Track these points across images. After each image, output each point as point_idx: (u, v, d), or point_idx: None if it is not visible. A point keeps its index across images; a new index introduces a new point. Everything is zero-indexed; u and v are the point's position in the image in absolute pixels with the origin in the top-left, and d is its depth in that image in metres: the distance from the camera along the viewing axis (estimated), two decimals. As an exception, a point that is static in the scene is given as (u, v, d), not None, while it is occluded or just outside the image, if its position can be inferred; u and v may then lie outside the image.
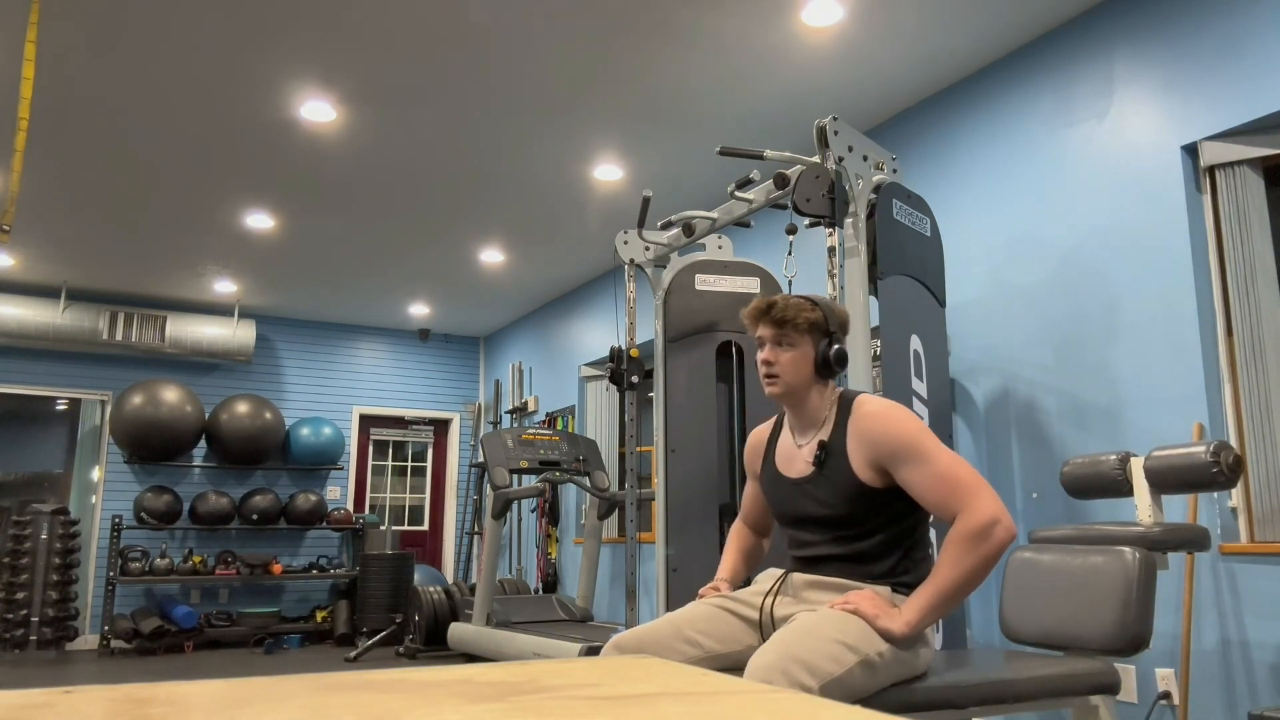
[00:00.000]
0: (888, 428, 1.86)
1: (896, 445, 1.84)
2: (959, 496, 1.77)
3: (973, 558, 1.73)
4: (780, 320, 1.96)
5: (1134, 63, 3.44)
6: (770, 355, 1.98)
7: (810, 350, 1.98)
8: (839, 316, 2.03)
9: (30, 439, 8.00)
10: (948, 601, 1.77)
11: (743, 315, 2.01)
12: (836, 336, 2.00)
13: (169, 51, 3.95)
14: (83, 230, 6.15)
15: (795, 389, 1.99)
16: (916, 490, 1.83)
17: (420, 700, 0.65)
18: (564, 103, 4.41)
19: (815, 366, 1.99)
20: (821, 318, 1.99)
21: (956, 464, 1.81)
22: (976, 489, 1.77)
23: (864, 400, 1.95)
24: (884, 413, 1.88)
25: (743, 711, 0.60)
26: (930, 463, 1.80)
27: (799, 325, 1.96)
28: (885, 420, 1.87)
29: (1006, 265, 3.88)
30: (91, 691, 0.68)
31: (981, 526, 1.73)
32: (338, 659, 6.78)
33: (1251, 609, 2.92)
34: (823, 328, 1.99)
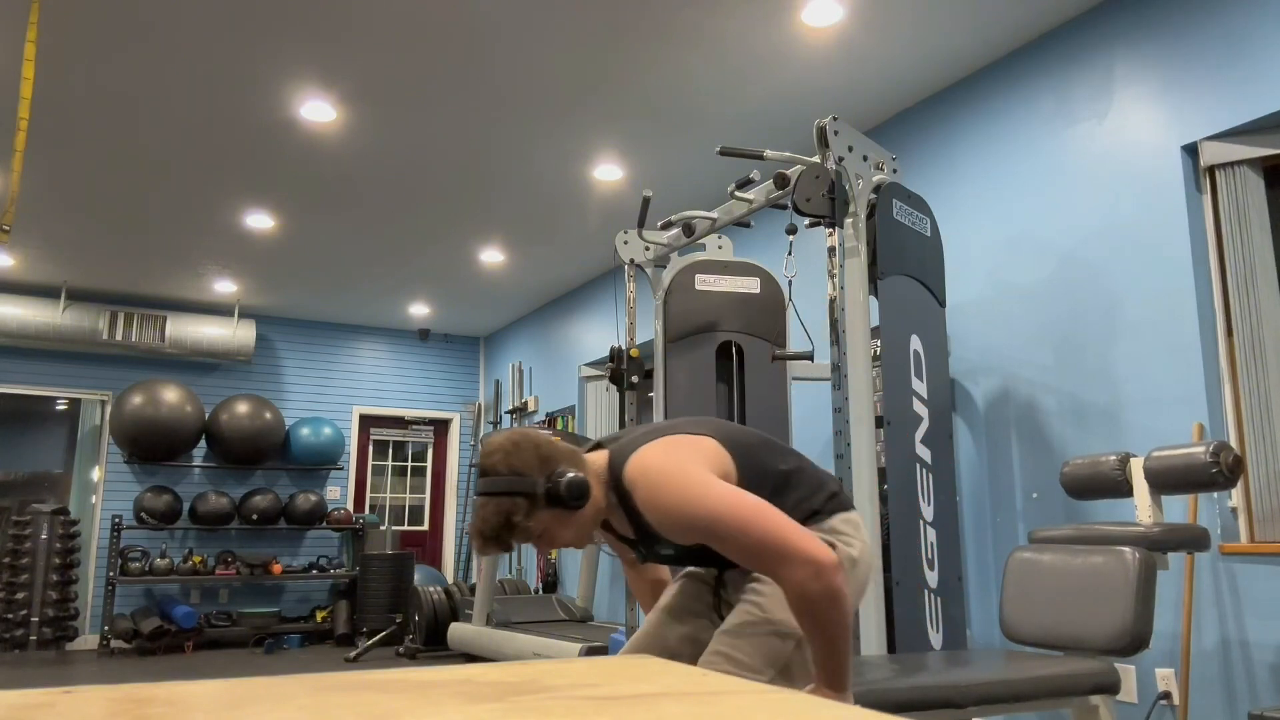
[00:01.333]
0: (665, 518, 1.66)
1: (684, 530, 1.65)
2: (765, 569, 1.61)
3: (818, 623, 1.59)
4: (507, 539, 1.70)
5: (1134, 63, 3.44)
6: (546, 547, 1.78)
7: (551, 517, 1.71)
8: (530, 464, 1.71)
9: (30, 439, 8.00)
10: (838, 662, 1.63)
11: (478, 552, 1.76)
12: (549, 480, 1.70)
13: (169, 52, 3.95)
14: (83, 230, 6.15)
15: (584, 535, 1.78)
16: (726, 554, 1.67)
17: (420, 700, 0.65)
18: (564, 103, 4.41)
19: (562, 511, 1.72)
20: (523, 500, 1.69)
21: (748, 530, 1.60)
22: (777, 555, 1.58)
23: (634, 483, 1.71)
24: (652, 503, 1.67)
25: (743, 711, 0.60)
26: (719, 534, 1.62)
27: (520, 526, 1.69)
28: (657, 511, 1.66)
29: (1006, 265, 3.88)
30: (91, 691, 0.68)
31: (801, 598, 1.58)
32: (338, 659, 6.78)
33: (1251, 609, 2.92)
34: (534, 499, 1.69)
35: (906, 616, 2.95)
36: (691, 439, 1.77)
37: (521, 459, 1.72)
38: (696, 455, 1.73)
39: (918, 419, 3.14)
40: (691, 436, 1.78)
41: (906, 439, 3.08)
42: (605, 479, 1.79)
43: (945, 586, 3.08)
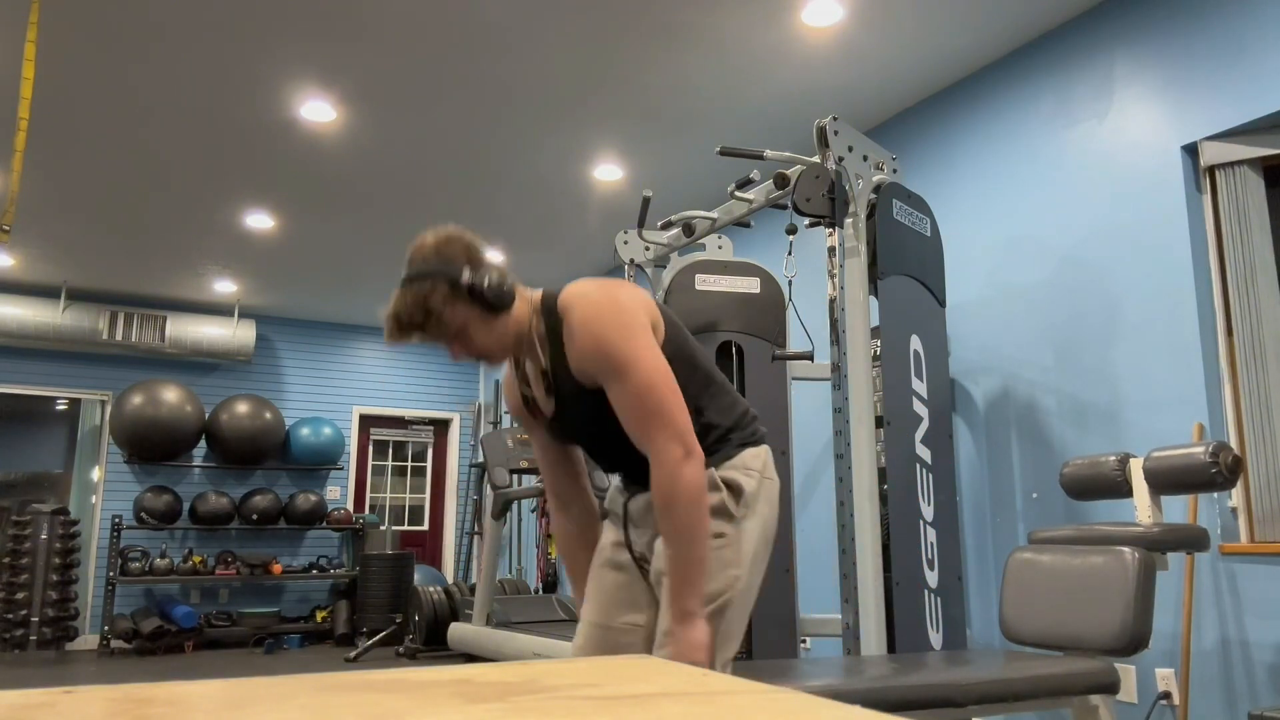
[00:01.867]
0: (587, 343, 1.62)
1: (599, 361, 1.61)
2: (646, 432, 1.58)
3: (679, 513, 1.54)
4: (421, 327, 1.63)
5: (1134, 63, 3.44)
6: (458, 349, 1.69)
7: (471, 312, 1.65)
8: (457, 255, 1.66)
9: (30, 439, 8.00)
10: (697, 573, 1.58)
11: (386, 341, 1.67)
12: (474, 274, 1.64)
13: (169, 51, 3.95)
14: (83, 230, 6.15)
15: (500, 350, 1.72)
16: (615, 407, 1.63)
17: (420, 700, 0.65)
18: (565, 103, 4.41)
19: (487, 316, 1.67)
20: (444, 284, 1.63)
21: (648, 388, 1.58)
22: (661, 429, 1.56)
23: (570, 304, 1.67)
24: (584, 323, 1.63)
25: (743, 711, 0.60)
26: (624, 383, 1.59)
27: (438, 313, 1.63)
28: (585, 333, 1.62)
29: (1006, 265, 3.88)
30: (91, 691, 0.68)
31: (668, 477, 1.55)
32: (338, 659, 6.78)
33: (1251, 609, 2.92)
34: (457, 288, 1.63)
35: (906, 616, 2.95)
36: (635, 286, 1.74)
37: (451, 250, 1.66)
38: (636, 300, 1.68)
39: (918, 419, 3.14)
40: (635, 286, 1.76)
41: (906, 439, 3.08)
42: (537, 306, 1.74)
43: (945, 586, 3.08)
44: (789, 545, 3.68)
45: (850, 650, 2.85)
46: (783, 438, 3.76)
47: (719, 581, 1.66)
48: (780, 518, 3.68)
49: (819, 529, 4.76)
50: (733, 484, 1.70)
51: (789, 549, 3.67)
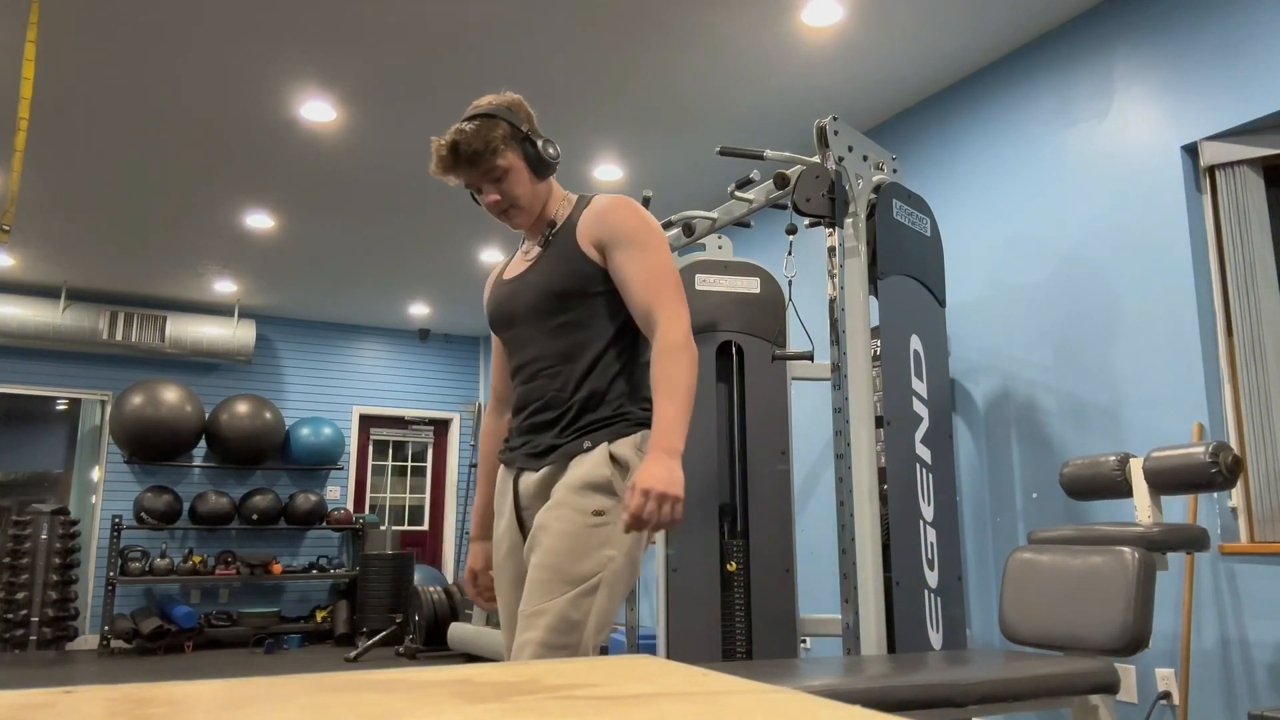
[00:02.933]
0: (617, 209, 1.77)
1: (622, 226, 1.75)
2: (663, 303, 1.70)
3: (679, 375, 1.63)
4: (476, 157, 1.75)
5: (1134, 63, 3.44)
6: (495, 194, 1.79)
7: (521, 163, 1.79)
8: (521, 112, 1.82)
9: (30, 439, 8.00)
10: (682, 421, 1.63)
11: (433, 171, 1.78)
12: (532, 132, 1.81)
13: (169, 52, 3.95)
14: (83, 230, 6.15)
15: (532, 200, 1.83)
16: (624, 277, 1.73)
17: (420, 700, 0.65)
18: (565, 103, 4.41)
19: (532, 175, 1.81)
20: (508, 127, 1.78)
21: (670, 270, 1.73)
22: (679, 305, 1.70)
23: (601, 197, 1.83)
24: (619, 200, 1.79)
25: (743, 711, 0.60)
26: (647, 254, 1.72)
27: (496, 150, 1.75)
28: (618, 204, 1.78)
29: (1006, 265, 3.88)
30: (91, 691, 0.69)
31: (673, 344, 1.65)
32: (338, 659, 6.78)
33: (1251, 609, 2.92)
34: (518, 134, 1.79)
35: (906, 616, 2.95)
36: None
37: (518, 107, 1.82)
38: None
39: (918, 419, 3.14)
40: None
41: (906, 439, 3.08)
42: (569, 197, 1.89)
43: (945, 586, 3.08)
44: (789, 545, 3.68)
45: (850, 650, 2.85)
46: (783, 438, 3.76)
47: (591, 562, 1.63)
48: (780, 517, 3.68)
49: (819, 529, 4.76)
50: (621, 460, 1.71)
51: (789, 549, 3.67)
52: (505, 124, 1.77)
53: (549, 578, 1.61)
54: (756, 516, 3.66)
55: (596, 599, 1.61)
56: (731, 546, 3.65)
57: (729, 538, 3.66)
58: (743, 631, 3.58)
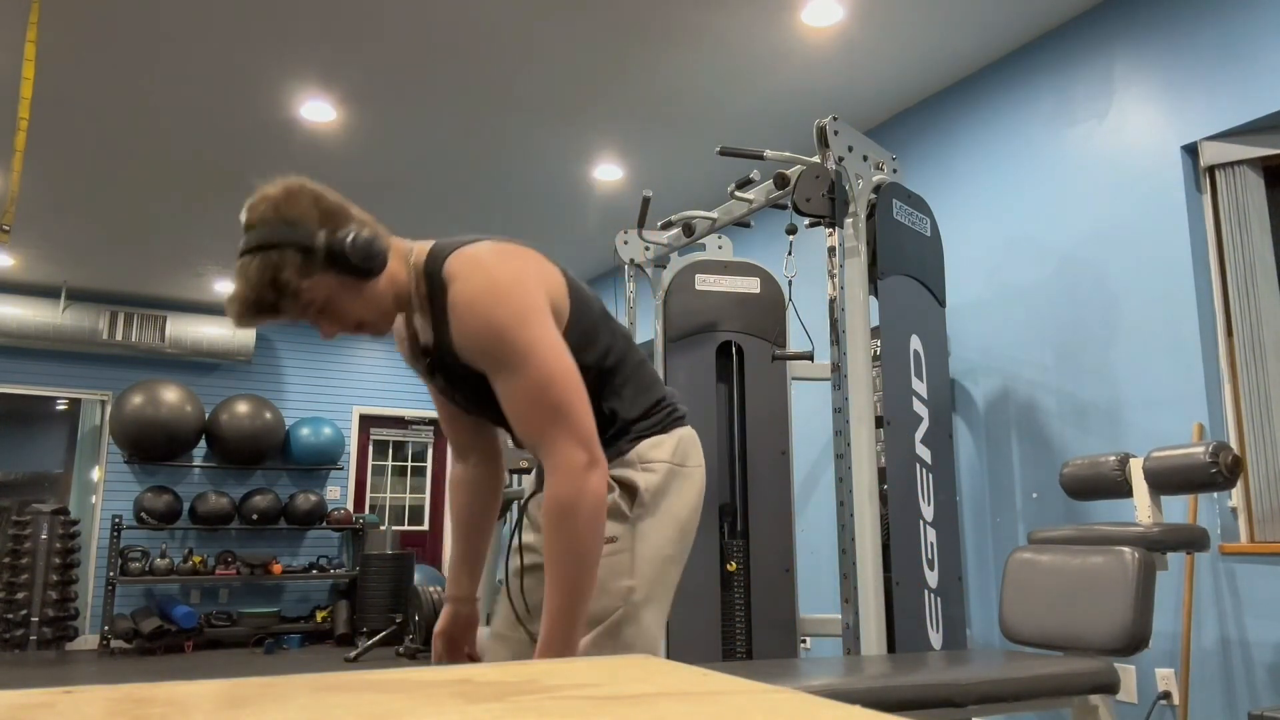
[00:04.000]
0: (472, 326, 1.38)
1: (486, 348, 1.38)
2: (542, 433, 1.36)
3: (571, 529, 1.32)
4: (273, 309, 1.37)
5: (1134, 63, 3.44)
6: (327, 327, 1.44)
7: (335, 282, 1.39)
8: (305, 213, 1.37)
9: (30, 439, 8.00)
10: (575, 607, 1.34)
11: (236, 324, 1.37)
12: (331, 234, 1.37)
13: (169, 52, 3.95)
14: (83, 230, 6.15)
15: (376, 315, 1.46)
16: (504, 406, 1.40)
17: (420, 700, 0.65)
18: (565, 103, 4.41)
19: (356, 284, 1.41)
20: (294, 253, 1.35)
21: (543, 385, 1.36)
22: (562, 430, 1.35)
23: (455, 273, 1.41)
24: (470, 302, 1.38)
25: (743, 711, 0.60)
26: (513, 377, 1.36)
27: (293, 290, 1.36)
28: (470, 315, 1.38)
29: (1006, 266, 3.88)
30: (91, 691, 0.69)
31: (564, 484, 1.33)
32: (338, 659, 6.78)
33: (1251, 609, 2.92)
34: (312, 252, 1.36)
35: (906, 616, 2.95)
36: (540, 259, 1.49)
37: (296, 208, 1.37)
38: (534, 274, 1.43)
39: (918, 419, 3.14)
40: (541, 257, 1.50)
41: (906, 439, 3.08)
42: (420, 265, 1.48)
43: (945, 586, 3.08)
44: (789, 545, 3.68)
45: (850, 650, 2.85)
46: (783, 438, 3.76)
47: (607, 598, 1.44)
48: (780, 517, 3.68)
49: (819, 529, 4.76)
50: (625, 482, 1.51)
51: (789, 549, 3.67)
52: (291, 250, 1.35)
53: None
54: (756, 516, 3.66)
55: (622, 635, 1.44)
56: (731, 546, 3.65)
57: (729, 538, 3.66)
58: (743, 631, 3.58)
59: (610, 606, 1.45)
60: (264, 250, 1.35)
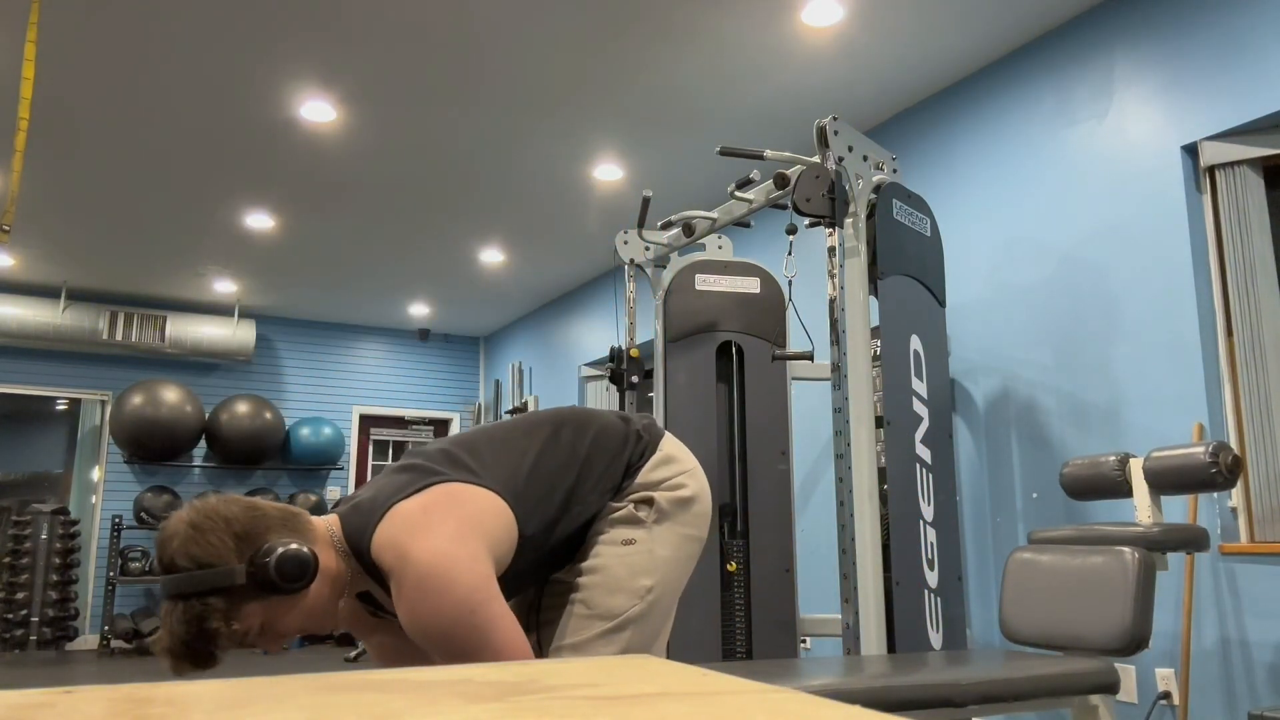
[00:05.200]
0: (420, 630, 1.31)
1: (439, 647, 1.33)
2: None
3: None
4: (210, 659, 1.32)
5: (1134, 63, 3.44)
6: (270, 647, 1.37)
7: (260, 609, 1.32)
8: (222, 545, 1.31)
9: (30, 439, 8.00)
10: None
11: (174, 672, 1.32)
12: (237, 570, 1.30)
13: (169, 51, 3.95)
14: (83, 230, 6.15)
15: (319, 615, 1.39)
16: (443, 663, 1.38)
17: (420, 700, 0.65)
18: (564, 102, 4.41)
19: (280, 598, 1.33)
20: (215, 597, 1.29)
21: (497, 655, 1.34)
22: None
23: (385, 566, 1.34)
24: (409, 611, 1.31)
25: (743, 711, 0.60)
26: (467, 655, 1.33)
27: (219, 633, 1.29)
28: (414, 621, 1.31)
29: (1006, 265, 3.88)
30: (91, 691, 0.69)
31: None
32: (338, 659, 6.77)
33: (1251, 609, 2.92)
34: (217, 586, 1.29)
35: (906, 616, 2.95)
36: (463, 494, 1.40)
37: (206, 545, 1.30)
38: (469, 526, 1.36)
39: (918, 419, 3.14)
40: (468, 489, 1.41)
41: (906, 439, 3.08)
42: (343, 548, 1.40)
43: (945, 586, 3.08)
44: (789, 545, 3.68)
45: (850, 650, 2.85)
46: (783, 438, 3.76)
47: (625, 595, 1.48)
48: (780, 517, 3.68)
49: (819, 529, 4.76)
50: (640, 500, 1.56)
51: (789, 549, 3.67)
52: (214, 596, 1.28)
53: (584, 613, 1.48)
54: (756, 516, 3.66)
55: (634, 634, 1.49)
56: (731, 546, 3.65)
57: (729, 538, 3.66)
58: (743, 631, 3.58)
59: (624, 605, 1.48)
60: (184, 599, 1.28)
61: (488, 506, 1.40)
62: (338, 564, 1.40)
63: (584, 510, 1.55)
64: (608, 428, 1.61)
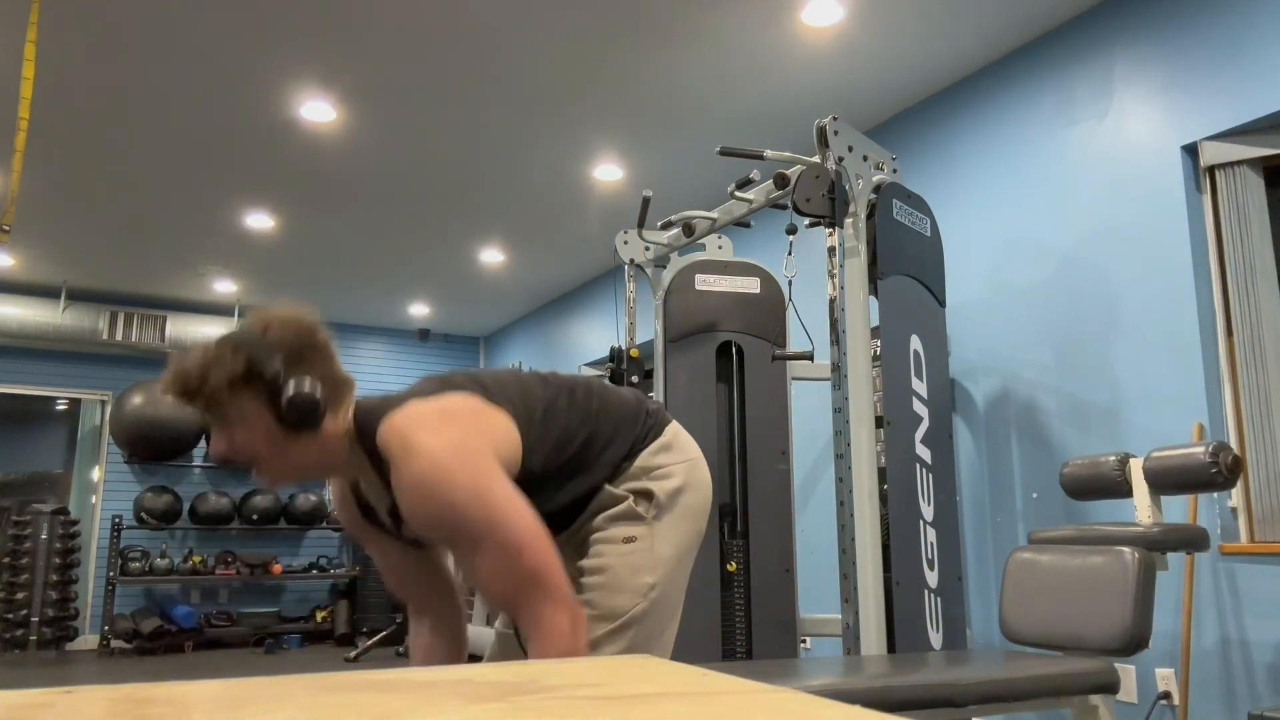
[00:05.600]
0: (427, 510, 1.34)
1: (446, 530, 1.36)
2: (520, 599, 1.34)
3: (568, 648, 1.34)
4: (188, 392, 1.36)
5: (1134, 63, 3.44)
6: (219, 444, 1.39)
7: (258, 412, 1.38)
8: (271, 343, 1.39)
9: (30, 439, 8.00)
10: None
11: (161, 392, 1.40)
12: (288, 371, 1.38)
13: (169, 51, 3.95)
14: (83, 230, 6.15)
15: (290, 472, 1.44)
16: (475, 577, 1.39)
17: (420, 700, 0.65)
18: (564, 102, 4.41)
19: (286, 431, 1.39)
20: (242, 365, 1.36)
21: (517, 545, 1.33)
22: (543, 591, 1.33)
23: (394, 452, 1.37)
24: (418, 485, 1.34)
25: (743, 711, 0.60)
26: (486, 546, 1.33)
27: (211, 384, 1.35)
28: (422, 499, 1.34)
29: (1006, 265, 3.88)
30: (91, 691, 0.68)
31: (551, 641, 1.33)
32: (338, 659, 6.78)
33: (1251, 609, 2.92)
34: (250, 358, 1.37)
35: (906, 616, 2.95)
36: (478, 406, 1.45)
37: (277, 334, 1.39)
38: (477, 431, 1.40)
39: (918, 419, 3.14)
40: (479, 402, 1.45)
41: (906, 439, 3.08)
42: (351, 432, 1.47)
43: (945, 586, 3.08)
44: (789, 545, 3.68)
45: (850, 650, 2.85)
46: (783, 438, 3.76)
47: (628, 594, 1.47)
48: (780, 517, 3.68)
49: (819, 529, 4.76)
50: (639, 491, 1.56)
51: (789, 549, 3.67)
52: (241, 361, 1.36)
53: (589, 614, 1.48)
54: (756, 516, 3.66)
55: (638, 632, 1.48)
56: (731, 546, 3.65)
57: (729, 538, 3.66)
58: (743, 631, 3.58)
59: (628, 604, 1.48)
60: (223, 348, 1.37)
61: (500, 425, 1.44)
62: (344, 448, 1.46)
63: (588, 477, 1.54)
64: (622, 399, 1.63)
